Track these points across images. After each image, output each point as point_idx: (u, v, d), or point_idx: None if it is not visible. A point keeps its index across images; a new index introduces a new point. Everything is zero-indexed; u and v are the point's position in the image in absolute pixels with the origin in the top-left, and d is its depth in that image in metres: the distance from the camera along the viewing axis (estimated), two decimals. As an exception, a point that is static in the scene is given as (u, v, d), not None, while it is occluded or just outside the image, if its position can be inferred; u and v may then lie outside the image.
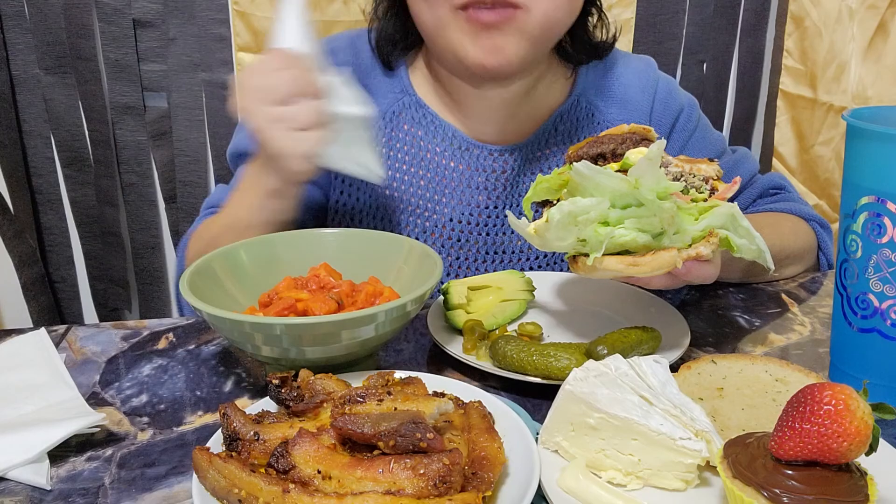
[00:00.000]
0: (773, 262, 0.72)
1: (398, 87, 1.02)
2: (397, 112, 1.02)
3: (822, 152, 1.81)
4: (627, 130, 0.78)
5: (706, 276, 0.71)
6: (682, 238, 0.68)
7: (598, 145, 0.78)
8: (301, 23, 0.82)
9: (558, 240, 0.68)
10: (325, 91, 0.80)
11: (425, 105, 1.02)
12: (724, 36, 1.84)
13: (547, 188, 0.75)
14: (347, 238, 0.86)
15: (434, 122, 1.01)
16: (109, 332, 0.88)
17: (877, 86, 1.72)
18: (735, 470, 0.52)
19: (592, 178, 0.66)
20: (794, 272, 1.05)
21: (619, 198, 0.66)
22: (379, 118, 1.01)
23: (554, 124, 1.03)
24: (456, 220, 1.02)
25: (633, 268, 0.67)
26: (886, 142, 0.65)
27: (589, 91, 1.04)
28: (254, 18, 1.60)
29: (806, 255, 1.06)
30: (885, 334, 0.68)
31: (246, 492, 0.52)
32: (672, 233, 0.67)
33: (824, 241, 1.08)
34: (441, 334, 0.81)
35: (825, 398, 0.49)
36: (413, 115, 1.02)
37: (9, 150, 1.58)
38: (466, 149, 1.01)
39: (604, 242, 0.66)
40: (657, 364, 0.63)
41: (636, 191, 0.65)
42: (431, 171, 1.01)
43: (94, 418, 0.65)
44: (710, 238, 0.68)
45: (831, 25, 1.73)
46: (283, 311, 0.72)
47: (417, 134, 1.02)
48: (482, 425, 0.59)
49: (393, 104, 1.02)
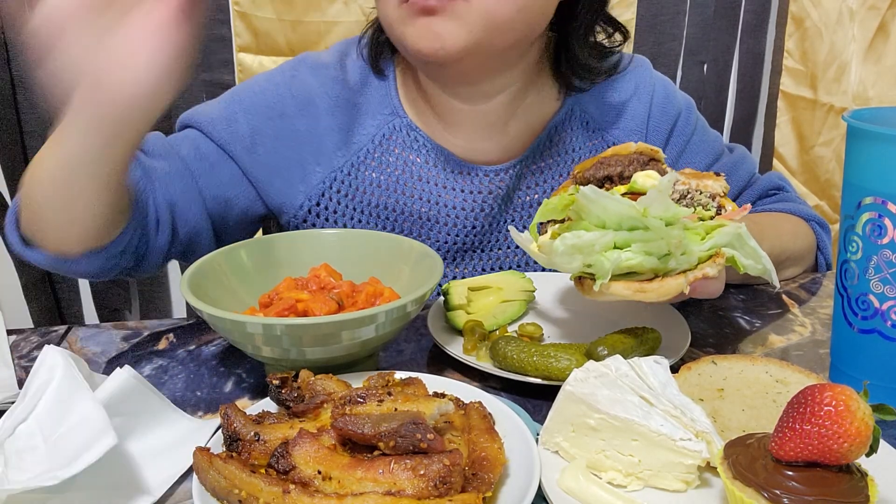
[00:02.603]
0: (777, 281, 0.72)
1: (388, 107, 0.99)
2: (387, 135, 0.99)
3: (823, 153, 1.81)
4: (634, 150, 0.77)
5: (712, 291, 0.71)
6: (688, 259, 0.67)
7: (604, 167, 0.77)
8: None
9: (564, 263, 0.68)
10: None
11: (416, 128, 0.99)
12: (724, 37, 1.84)
13: (552, 209, 0.75)
14: (348, 238, 0.86)
15: (426, 145, 0.99)
16: (110, 333, 0.88)
17: (877, 86, 1.72)
18: (735, 471, 0.52)
19: (599, 202, 0.66)
20: (794, 273, 1.04)
21: (625, 220, 0.66)
22: (368, 141, 0.99)
23: (549, 136, 1.01)
24: (451, 242, 1.01)
25: (640, 294, 0.67)
26: (887, 143, 0.65)
27: (583, 99, 1.02)
28: (254, 19, 1.60)
29: (806, 256, 1.05)
30: (886, 335, 0.68)
31: (246, 492, 0.52)
32: (679, 254, 0.67)
33: (823, 241, 1.08)
34: (441, 335, 0.81)
35: (825, 399, 0.49)
36: (404, 139, 0.99)
37: (9, 149, 1.58)
38: (460, 172, 0.99)
39: (609, 270, 0.66)
40: (657, 365, 0.63)
41: (643, 219, 0.65)
42: (425, 196, 0.99)
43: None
44: (717, 259, 0.68)
45: (832, 26, 1.73)
46: (284, 311, 0.72)
47: (409, 158, 0.99)
48: (482, 426, 0.59)
49: (383, 127, 0.99)
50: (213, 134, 0.96)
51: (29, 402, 0.61)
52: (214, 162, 0.95)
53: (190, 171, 0.93)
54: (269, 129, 0.97)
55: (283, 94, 0.98)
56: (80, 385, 0.62)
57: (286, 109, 0.97)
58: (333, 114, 0.98)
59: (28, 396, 0.61)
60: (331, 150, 0.98)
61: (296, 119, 0.97)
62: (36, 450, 0.58)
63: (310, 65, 1.00)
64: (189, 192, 0.92)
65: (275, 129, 0.97)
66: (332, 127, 0.98)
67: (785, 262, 1.00)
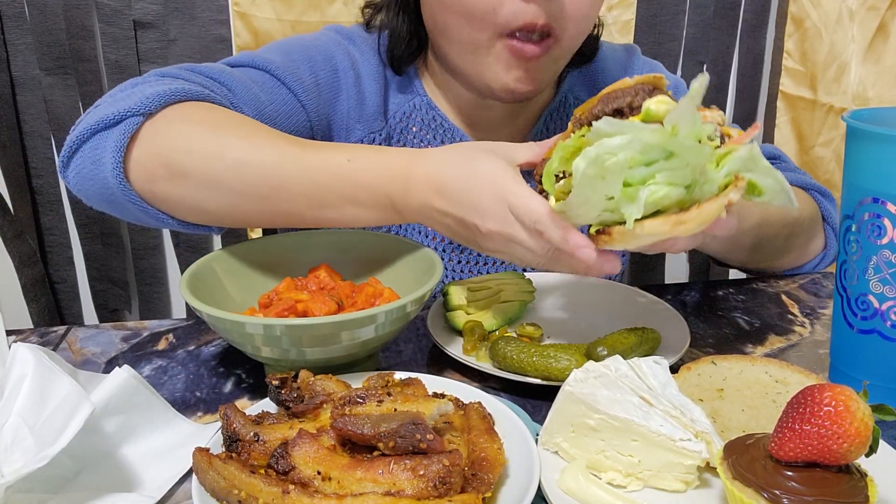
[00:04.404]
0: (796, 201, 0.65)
1: (408, 86, 1.01)
2: (407, 113, 1.01)
3: (823, 153, 1.81)
4: (633, 83, 0.70)
5: (730, 227, 0.66)
6: (710, 189, 0.62)
7: (612, 101, 0.69)
8: None
9: (583, 204, 0.61)
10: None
11: (435, 107, 1.01)
12: (724, 37, 1.84)
13: (563, 157, 0.67)
14: (348, 239, 0.86)
15: (444, 125, 1.01)
16: (109, 333, 0.88)
17: (877, 87, 1.72)
18: (735, 471, 0.52)
19: (616, 152, 0.58)
20: (800, 253, 1.01)
21: (650, 149, 0.59)
22: (391, 116, 1.00)
23: (545, 124, 1.03)
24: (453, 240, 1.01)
25: (678, 227, 0.59)
26: (886, 143, 0.65)
27: (575, 87, 1.04)
28: (254, 19, 1.60)
29: (809, 228, 1.01)
30: (885, 335, 0.68)
31: (246, 493, 0.52)
32: (702, 183, 0.61)
33: (828, 210, 1.03)
34: (441, 335, 0.81)
35: (825, 399, 0.49)
36: (423, 118, 1.01)
37: (9, 150, 1.58)
38: None
39: (641, 200, 0.59)
40: (657, 365, 0.63)
41: (672, 139, 0.58)
42: None
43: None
44: (738, 182, 0.62)
45: (831, 27, 1.73)
46: (283, 311, 0.72)
47: (426, 137, 1.01)
48: (482, 426, 0.58)
49: (404, 104, 1.01)
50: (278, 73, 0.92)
51: (8, 400, 0.61)
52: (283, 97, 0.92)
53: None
54: (325, 80, 0.96)
55: (333, 52, 0.97)
56: (54, 371, 0.62)
57: (339, 65, 0.97)
58: (374, 79, 0.98)
59: (5, 396, 0.62)
60: (370, 113, 0.98)
61: (347, 75, 0.97)
62: (24, 441, 0.59)
63: (345, 34, 1.01)
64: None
65: (329, 80, 0.96)
66: (374, 91, 0.98)
67: (785, 241, 0.97)
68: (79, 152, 0.75)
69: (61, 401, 0.60)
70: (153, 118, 0.73)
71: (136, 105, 0.73)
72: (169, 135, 0.73)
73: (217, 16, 1.60)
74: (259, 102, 0.87)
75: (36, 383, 0.61)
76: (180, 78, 0.81)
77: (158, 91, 0.74)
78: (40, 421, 0.60)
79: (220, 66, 0.88)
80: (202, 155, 0.72)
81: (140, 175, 0.73)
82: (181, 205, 0.75)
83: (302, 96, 0.92)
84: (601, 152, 0.57)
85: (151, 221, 0.77)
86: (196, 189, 0.73)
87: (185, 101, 0.76)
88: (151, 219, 0.77)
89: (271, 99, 0.89)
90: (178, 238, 1.70)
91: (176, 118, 0.74)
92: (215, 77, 0.84)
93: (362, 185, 0.71)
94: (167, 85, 0.76)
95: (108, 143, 0.72)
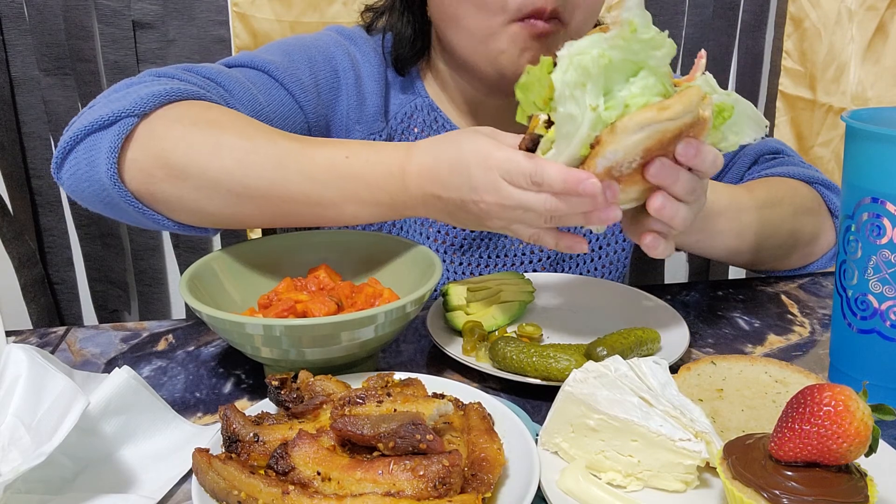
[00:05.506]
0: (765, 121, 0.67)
1: (410, 87, 1.02)
2: (409, 114, 1.01)
3: (822, 153, 1.81)
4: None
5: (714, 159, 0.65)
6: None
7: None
8: None
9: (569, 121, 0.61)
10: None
11: (437, 108, 1.01)
12: (723, 37, 1.84)
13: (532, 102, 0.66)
14: (347, 239, 0.86)
15: (445, 126, 1.01)
16: (109, 334, 0.88)
17: (876, 87, 1.72)
18: (735, 471, 0.52)
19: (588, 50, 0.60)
20: (805, 254, 0.99)
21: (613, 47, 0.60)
22: (391, 117, 1.00)
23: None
24: (458, 229, 1.01)
25: (664, 111, 0.60)
26: (885, 143, 0.65)
27: None
28: (253, 20, 1.60)
29: (816, 228, 0.99)
30: (885, 335, 0.68)
31: (245, 493, 0.52)
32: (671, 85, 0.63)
33: (834, 204, 1.01)
34: (441, 335, 0.81)
35: (825, 399, 0.49)
36: (424, 118, 1.01)
37: (8, 151, 1.58)
38: None
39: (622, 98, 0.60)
40: (657, 365, 0.63)
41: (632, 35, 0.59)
42: None
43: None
44: (706, 99, 0.63)
45: (830, 27, 1.73)
46: (283, 312, 0.72)
47: (427, 138, 1.01)
48: (482, 427, 0.58)
49: (405, 105, 1.01)
50: (276, 74, 0.92)
51: (3, 400, 0.61)
52: (281, 98, 0.92)
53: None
54: (325, 80, 0.96)
55: (334, 52, 0.97)
56: (48, 369, 0.62)
57: (339, 65, 0.97)
58: (375, 80, 0.99)
59: (1, 397, 0.62)
60: (371, 114, 0.99)
61: (347, 76, 0.97)
62: (21, 440, 0.59)
63: (347, 35, 1.01)
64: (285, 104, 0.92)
65: (329, 81, 0.96)
66: (375, 91, 0.98)
67: (784, 242, 0.95)
68: (73, 153, 0.75)
69: (56, 398, 0.60)
70: (148, 118, 0.73)
71: (131, 105, 0.73)
72: (167, 135, 0.73)
73: (216, 16, 1.60)
74: (256, 103, 0.87)
75: (30, 382, 0.62)
76: (176, 78, 0.81)
77: (153, 91, 0.74)
78: (36, 419, 0.60)
79: (217, 67, 0.88)
80: (201, 155, 0.72)
81: (136, 176, 0.73)
82: (180, 205, 0.75)
83: (300, 97, 0.93)
84: (572, 52, 0.60)
85: (148, 223, 0.77)
86: (195, 189, 0.73)
87: (181, 101, 0.76)
88: (148, 220, 0.77)
89: (269, 100, 0.89)
90: (178, 239, 1.70)
91: (172, 118, 0.74)
92: (212, 77, 0.84)
93: (362, 182, 0.72)
94: (162, 85, 0.76)
95: (103, 144, 0.73)
